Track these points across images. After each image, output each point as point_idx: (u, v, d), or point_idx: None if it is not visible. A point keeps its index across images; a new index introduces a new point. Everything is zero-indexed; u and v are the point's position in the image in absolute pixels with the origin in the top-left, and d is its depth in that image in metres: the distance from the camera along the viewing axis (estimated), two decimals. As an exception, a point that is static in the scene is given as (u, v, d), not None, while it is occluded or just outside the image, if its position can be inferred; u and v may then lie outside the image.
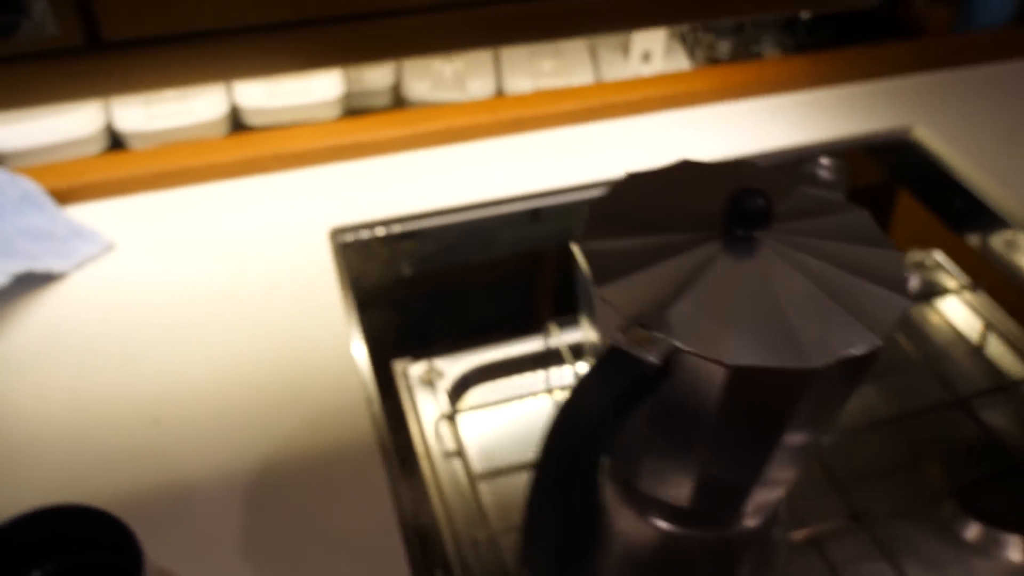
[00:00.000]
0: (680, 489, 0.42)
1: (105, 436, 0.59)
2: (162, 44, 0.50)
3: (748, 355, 0.33)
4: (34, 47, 0.48)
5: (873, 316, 0.35)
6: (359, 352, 0.65)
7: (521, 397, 0.71)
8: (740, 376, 0.33)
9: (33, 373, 0.63)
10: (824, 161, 0.43)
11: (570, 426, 0.32)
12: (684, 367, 0.34)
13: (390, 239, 0.78)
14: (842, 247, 0.37)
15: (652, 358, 0.33)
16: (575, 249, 0.39)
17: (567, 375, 0.74)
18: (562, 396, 0.71)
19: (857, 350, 0.34)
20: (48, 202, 0.76)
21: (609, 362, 0.33)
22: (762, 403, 0.35)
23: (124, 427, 0.60)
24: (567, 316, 0.76)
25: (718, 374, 0.33)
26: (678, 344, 0.33)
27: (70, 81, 0.52)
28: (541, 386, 0.74)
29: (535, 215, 0.84)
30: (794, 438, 0.38)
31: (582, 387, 0.33)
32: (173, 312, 0.68)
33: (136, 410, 0.61)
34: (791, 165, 0.81)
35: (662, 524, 0.47)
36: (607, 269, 0.37)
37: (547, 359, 0.75)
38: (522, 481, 0.66)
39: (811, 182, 0.42)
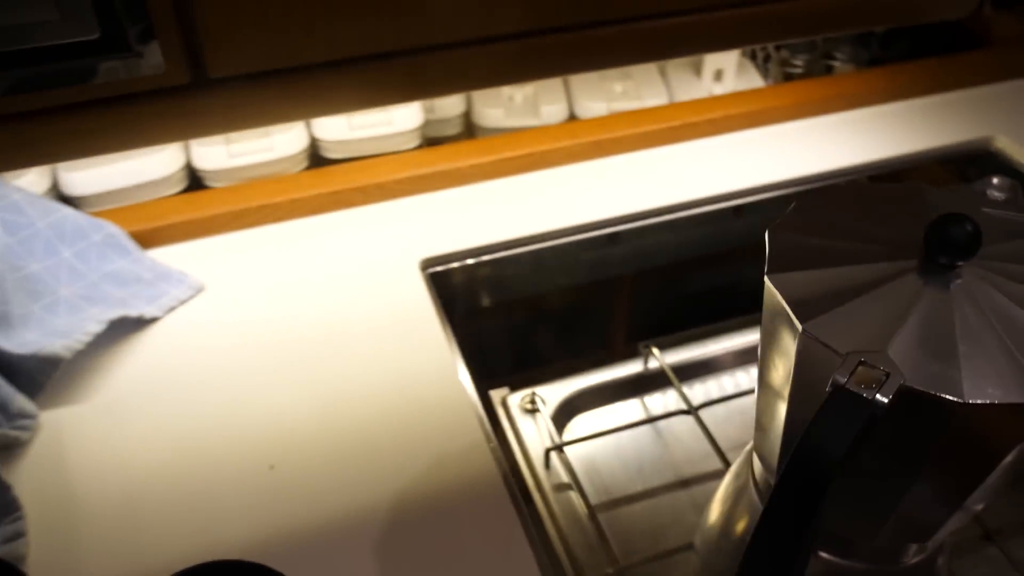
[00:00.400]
0: (868, 524, 0.40)
1: (220, 484, 0.58)
2: (267, 79, 0.49)
3: (983, 391, 0.32)
4: (141, 86, 0.47)
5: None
6: (467, 383, 0.64)
7: (630, 425, 0.69)
8: (973, 412, 0.32)
9: (136, 422, 0.61)
10: (996, 180, 0.42)
11: (805, 469, 0.31)
12: (908, 404, 0.32)
13: (476, 267, 0.77)
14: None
15: (881, 397, 0.31)
16: (766, 282, 0.37)
17: (670, 398, 0.72)
18: (665, 423, 0.69)
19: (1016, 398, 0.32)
20: (132, 246, 0.74)
21: (837, 402, 0.31)
22: (987, 438, 0.34)
23: (238, 474, 0.58)
24: (660, 338, 0.75)
25: (947, 410, 0.32)
26: (910, 383, 0.31)
27: (175, 121, 0.50)
28: (641, 411, 0.72)
29: (613, 239, 0.82)
30: (1003, 472, 0.37)
31: (815, 429, 0.31)
32: (271, 352, 0.66)
33: (248, 456, 0.59)
34: (958, 185, 0.80)
35: (827, 555, 0.45)
36: (807, 304, 0.35)
37: (645, 383, 0.74)
38: (638, 510, 0.65)
39: (987, 203, 0.40)
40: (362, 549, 0.54)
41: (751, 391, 0.71)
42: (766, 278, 0.37)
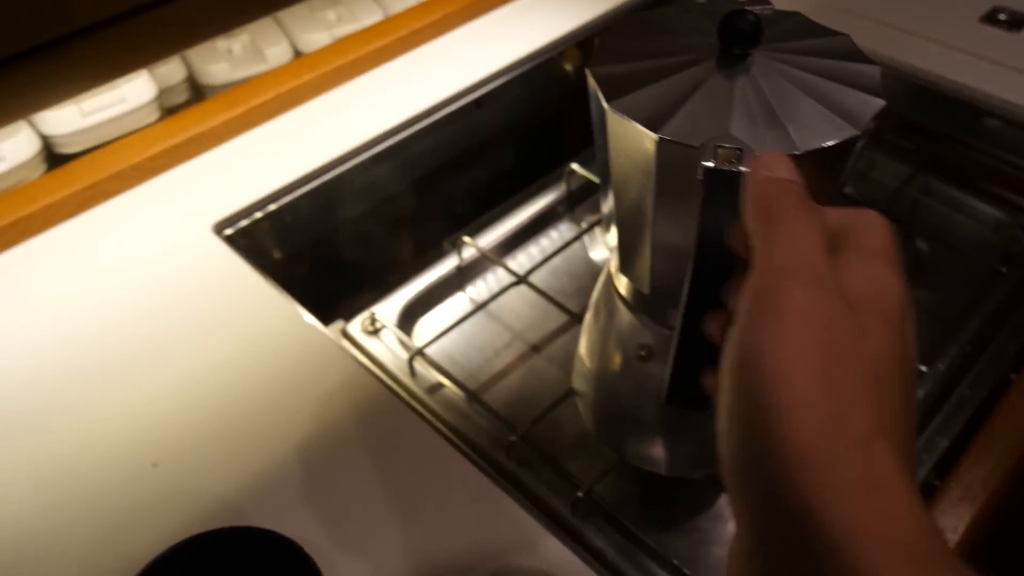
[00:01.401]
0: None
1: (105, 498, 0.54)
2: None
3: (811, 141, 0.39)
4: None
5: (852, 112, 0.41)
6: (313, 320, 0.65)
7: (473, 311, 0.73)
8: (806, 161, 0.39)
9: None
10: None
11: (715, 254, 0.36)
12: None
13: (266, 217, 0.76)
14: (825, 61, 0.43)
15: (744, 167, 0.37)
16: (588, 74, 0.42)
17: (498, 277, 0.78)
18: (503, 299, 0.74)
19: (836, 139, 0.40)
20: None
21: (713, 184, 0.37)
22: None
23: (121, 482, 0.55)
24: (463, 229, 0.79)
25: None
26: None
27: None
28: (475, 298, 0.77)
29: (378, 158, 0.85)
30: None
31: (707, 214, 0.36)
32: (105, 359, 0.62)
33: (124, 461, 0.56)
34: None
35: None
36: (616, 89, 0.41)
37: (468, 273, 0.78)
38: (507, 387, 0.70)
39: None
40: (282, 513, 0.53)
41: (566, 245, 0.78)
42: (587, 71, 0.42)
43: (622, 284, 0.53)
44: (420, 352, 0.68)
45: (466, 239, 0.76)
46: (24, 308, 0.66)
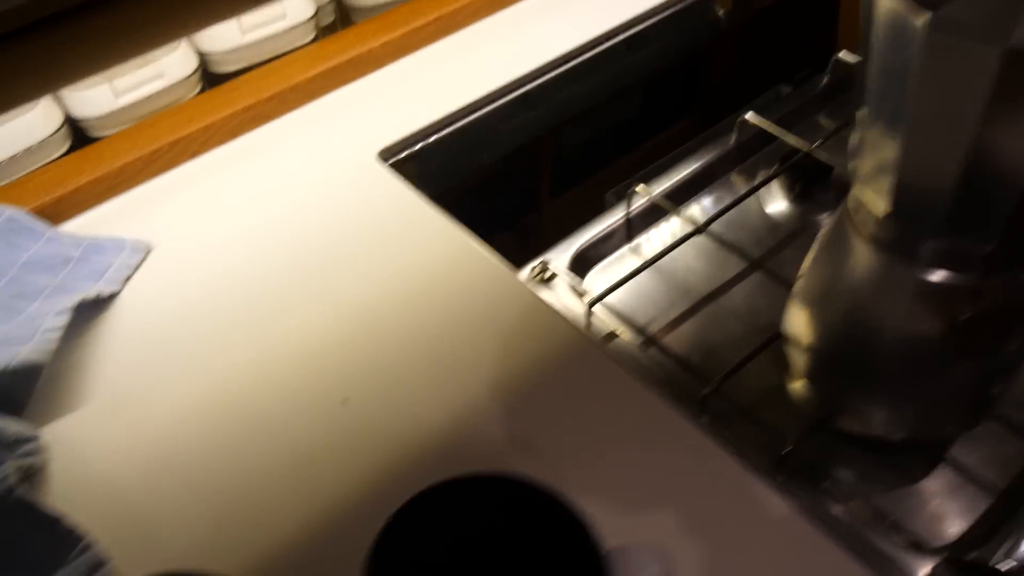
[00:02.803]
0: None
1: (293, 423, 0.52)
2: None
3: None
4: None
5: None
6: (492, 256, 0.61)
7: (652, 261, 0.68)
8: None
9: (155, 407, 0.53)
10: None
11: None
12: None
13: (428, 149, 0.72)
14: None
15: None
16: None
17: (668, 229, 0.73)
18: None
19: None
20: (40, 225, 0.63)
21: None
22: None
23: (312, 411, 0.53)
24: (635, 177, 0.74)
25: None
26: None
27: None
28: (649, 249, 0.72)
29: (531, 98, 0.79)
30: None
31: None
32: (275, 288, 0.59)
33: (311, 396, 0.53)
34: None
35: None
36: None
37: (639, 223, 0.73)
38: (687, 336, 0.66)
39: None
40: (481, 452, 0.50)
41: (739, 199, 0.73)
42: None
43: (865, 217, 0.47)
44: (598, 301, 0.63)
45: (639, 188, 0.71)
46: (189, 235, 0.63)
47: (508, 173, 0.81)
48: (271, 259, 0.61)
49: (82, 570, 0.46)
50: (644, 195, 0.71)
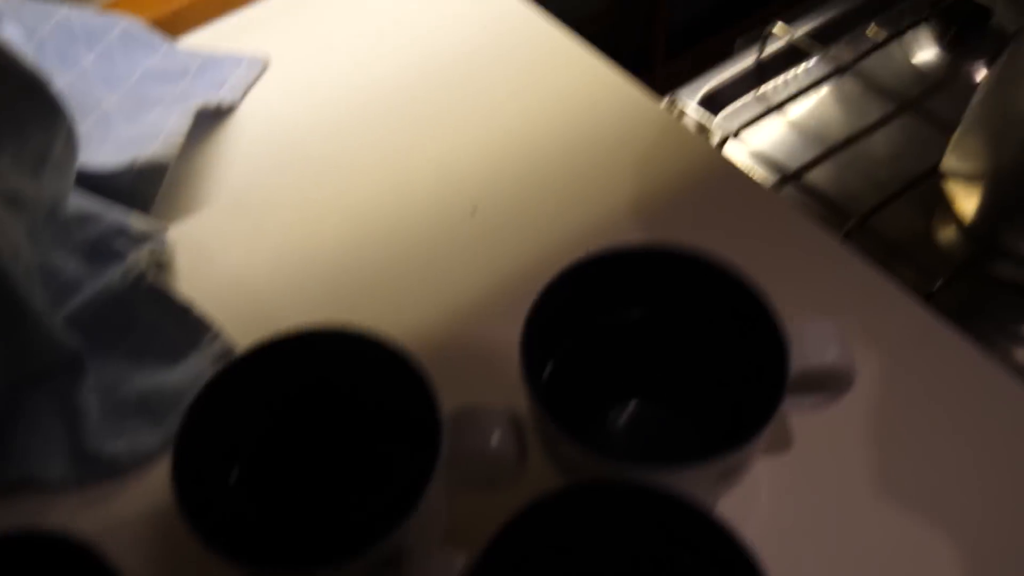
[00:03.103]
0: None
1: (423, 229, 0.50)
2: None
3: None
4: None
5: None
6: (632, 85, 0.57)
7: (790, 98, 0.64)
8: None
9: (283, 212, 0.52)
10: None
11: None
12: None
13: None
14: None
15: None
16: None
17: (798, 77, 0.68)
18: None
19: None
20: (157, 39, 0.61)
21: None
22: None
23: (442, 218, 0.51)
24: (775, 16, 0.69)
25: None
26: None
27: None
28: (784, 90, 0.68)
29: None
30: None
31: None
32: (401, 100, 0.57)
33: (442, 206, 0.51)
34: None
35: None
36: None
37: (771, 65, 0.69)
38: (829, 176, 0.62)
39: None
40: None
41: (876, 46, 0.68)
42: None
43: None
44: (731, 137, 0.60)
45: (776, 29, 0.67)
46: (310, 54, 0.61)
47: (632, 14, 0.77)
48: (397, 79, 0.58)
49: (212, 357, 0.45)
50: (782, 35, 0.67)
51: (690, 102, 0.64)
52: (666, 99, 0.64)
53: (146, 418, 0.44)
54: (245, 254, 0.50)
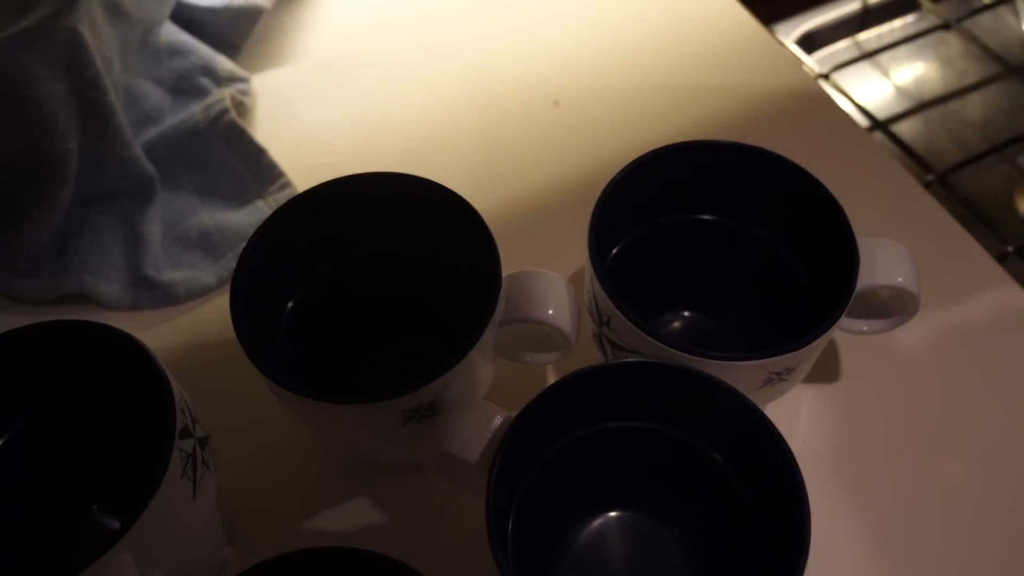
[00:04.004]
0: None
1: (506, 117, 0.50)
2: None
3: None
4: None
5: None
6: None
7: (889, 46, 0.62)
8: None
9: (370, 79, 0.52)
10: None
11: None
12: None
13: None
14: None
15: None
16: None
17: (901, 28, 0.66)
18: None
19: None
20: None
21: None
22: None
23: (524, 109, 0.50)
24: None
25: None
26: None
27: None
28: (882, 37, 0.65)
29: None
30: None
31: None
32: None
33: (532, 93, 0.51)
34: None
35: None
36: None
37: (871, 15, 0.67)
38: (919, 129, 0.60)
39: None
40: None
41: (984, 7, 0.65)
42: None
43: None
44: (829, 74, 0.58)
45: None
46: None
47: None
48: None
49: (278, 205, 0.46)
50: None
51: (786, 39, 0.63)
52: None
53: (206, 253, 0.45)
54: (325, 112, 0.50)
